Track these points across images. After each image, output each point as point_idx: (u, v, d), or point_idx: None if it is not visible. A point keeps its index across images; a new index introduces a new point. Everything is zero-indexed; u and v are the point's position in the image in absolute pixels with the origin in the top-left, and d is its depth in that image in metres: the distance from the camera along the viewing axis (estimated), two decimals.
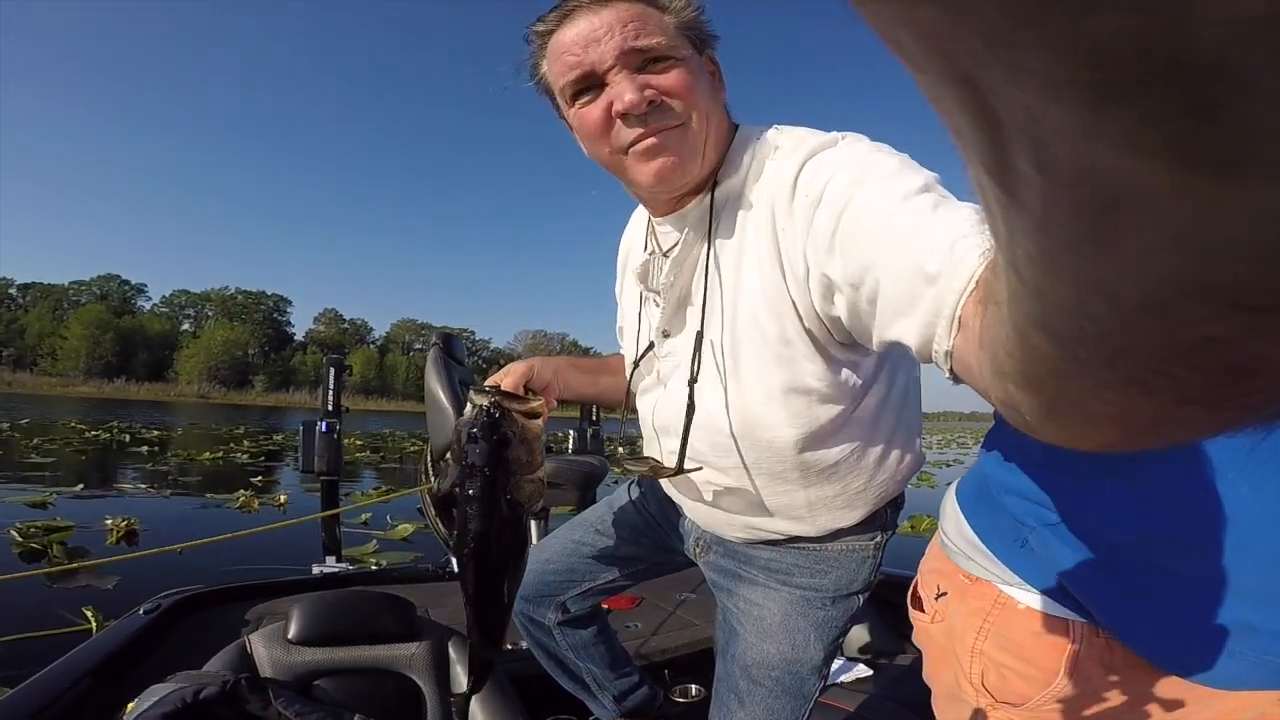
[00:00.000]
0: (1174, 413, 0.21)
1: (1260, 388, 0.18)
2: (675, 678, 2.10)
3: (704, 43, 0.92)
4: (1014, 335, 0.26)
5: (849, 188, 0.75)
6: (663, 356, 1.08)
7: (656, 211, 1.03)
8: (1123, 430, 0.25)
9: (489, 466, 0.86)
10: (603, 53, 0.84)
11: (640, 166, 0.89)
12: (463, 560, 0.90)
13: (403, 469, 12.70)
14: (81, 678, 1.51)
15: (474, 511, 0.87)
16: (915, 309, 0.62)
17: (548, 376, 1.06)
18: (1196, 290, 0.15)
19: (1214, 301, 0.15)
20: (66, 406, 35.09)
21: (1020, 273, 0.21)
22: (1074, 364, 0.22)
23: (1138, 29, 0.11)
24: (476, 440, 0.86)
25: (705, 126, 0.89)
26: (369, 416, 47.61)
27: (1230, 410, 0.20)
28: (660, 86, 0.85)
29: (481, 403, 0.88)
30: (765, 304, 0.88)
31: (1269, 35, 0.11)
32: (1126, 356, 0.19)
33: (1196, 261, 0.15)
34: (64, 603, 3.30)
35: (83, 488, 7.91)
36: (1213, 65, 0.11)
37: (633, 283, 1.13)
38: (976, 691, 0.88)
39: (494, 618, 0.95)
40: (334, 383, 3.33)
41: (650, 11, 0.86)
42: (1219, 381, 0.18)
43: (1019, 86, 0.14)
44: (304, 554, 3.33)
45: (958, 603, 0.91)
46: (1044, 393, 0.28)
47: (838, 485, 1.00)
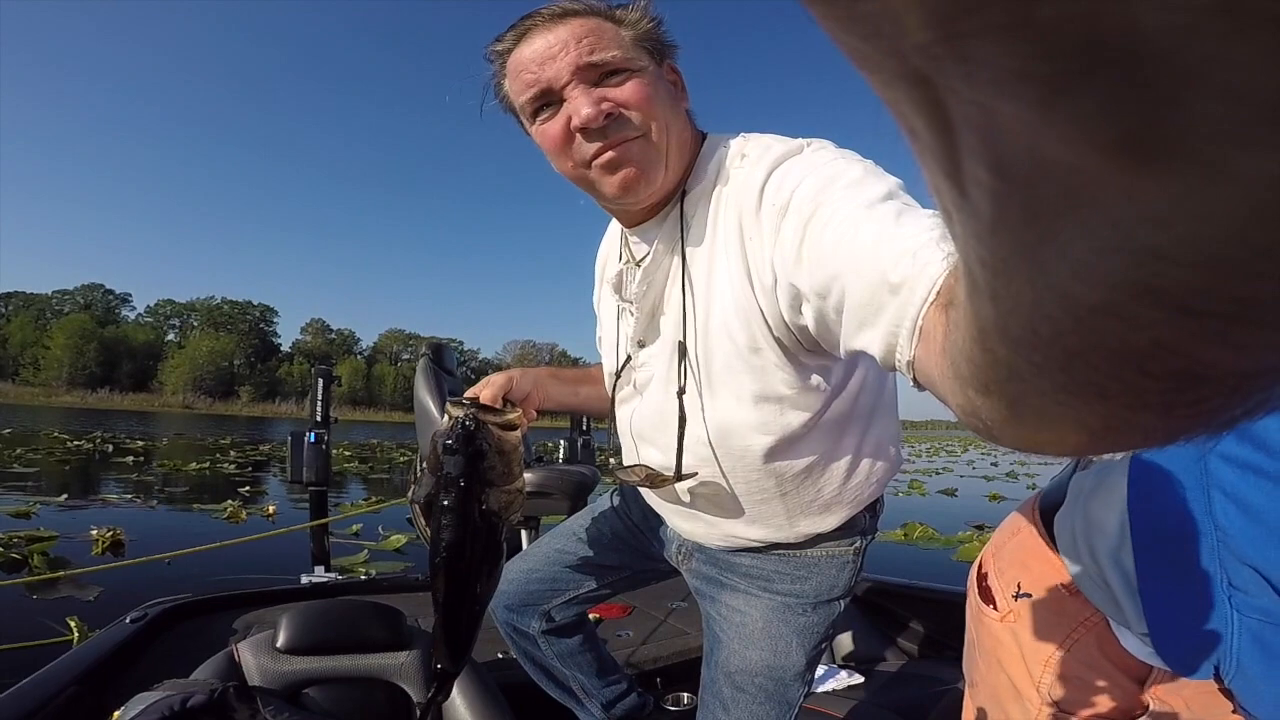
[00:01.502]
0: (1127, 418, 0.21)
1: (1209, 395, 0.18)
2: (667, 686, 2.10)
3: (663, 53, 0.93)
4: (971, 340, 0.26)
5: (815, 196, 0.76)
6: (639, 366, 1.08)
7: (627, 223, 1.03)
8: (1078, 436, 0.25)
9: (463, 479, 0.86)
10: (559, 69, 0.85)
11: (604, 179, 0.90)
12: (435, 570, 0.90)
13: (392, 479, 12.64)
14: (66, 685, 1.49)
15: (447, 521, 0.87)
16: (879, 319, 0.62)
17: (527, 387, 1.06)
18: (1147, 294, 0.15)
19: (1164, 305, 0.15)
20: (49, 416, 34.74)
21: (974, 276, 0.21)
22: (1029, 368, 0.22)
23: (1086, 13, 0.11)
24: (452, 452, 0.86)
25: (666, 136, 0.90)
26: (356, 427, 47.32)
27: (1181, 417, 0.20)
28: (617, 99, 0.86)
29: (457, 415, 0.89)
30: (735, 312, 0.89)
31: (1223, 22, 0.10)
32: (1080, 360, 0.19)
33: (1147, 264, 0.15)
34: (45, 613, 3.26)
35: (66, 498, 7.82)
36: (1163, 54, 0.11)
37: (609, 293, 1.14)
38: (1041, 700, 0.88)
39: (463, 629, 0.95)
40: (323, 393, 3.32)
41: (605, 26, 0.87)
42: (1169, 387, 0.18)
43: (970, 82, 0.13)
44: (293, 564, 3.31)
45: (1045, 610, 0.89)
46: (1002, 398, 0.28)
47: (812, 490, 1.00)
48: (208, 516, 7.38)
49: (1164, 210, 0.13)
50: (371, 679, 1.38)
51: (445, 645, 0.95)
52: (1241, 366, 0.16)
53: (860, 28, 0.14)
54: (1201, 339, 0.16)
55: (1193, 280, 0.14)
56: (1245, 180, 0.12)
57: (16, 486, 8.60)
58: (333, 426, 3.33)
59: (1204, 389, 0.18)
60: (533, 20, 0.88)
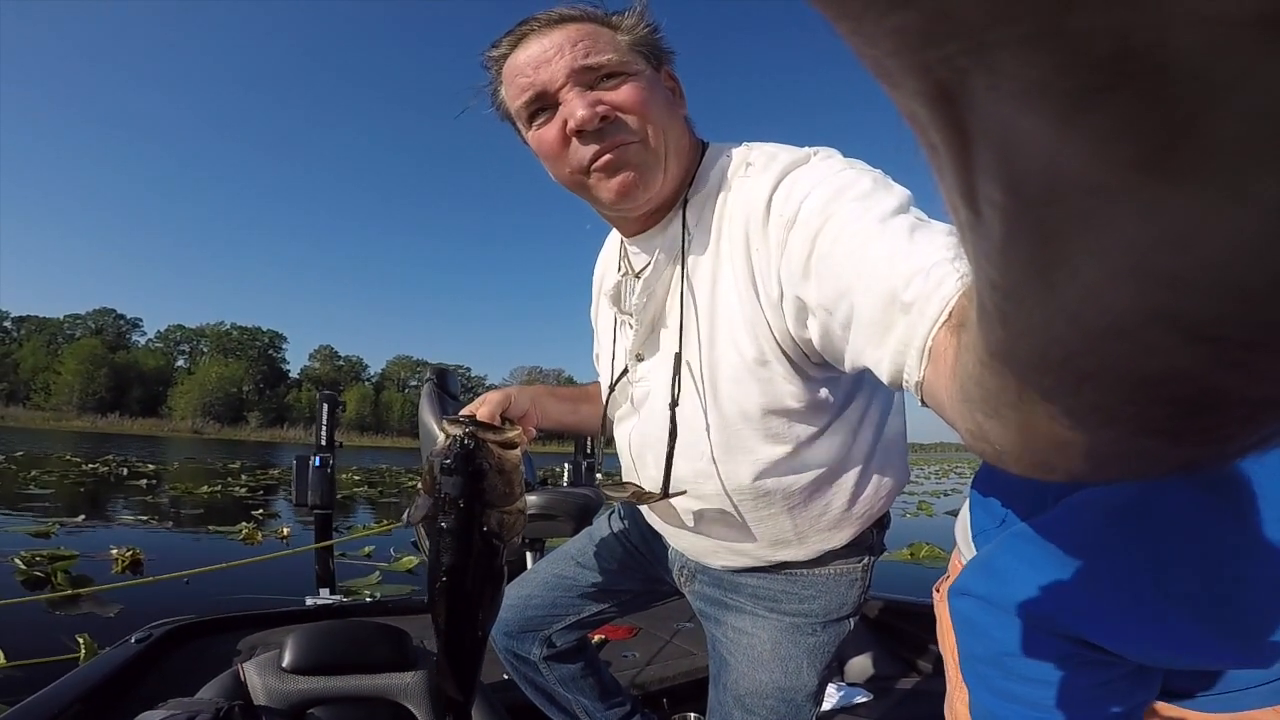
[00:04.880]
0: (1135, 444, 0.21)
1: (1220, 423, 0.18)
2: (674, 706, 2.08)
3: (660, 59, 0.93)
4: (981, 363, 0.26)
5: (824, 208, 0.74)
6: (636, 381, 1.06)
7: (627, 231, 1.02)
8: (1086, 461, 0.25)
9: (463, 499, 0.83)
10: (554, 72, 0.85)
11: (601, 184, 0.89)
12: (434, 596, 0.87)
13: (400, 503, 12.65)
14: (71, 704, 1.49)
15: (446, 544, 0.84)
16: (888, 338, 0.61)
17: (525, 405, 1.02)
18: (1162, 319, 0.15)
19: (1178, 331, 0.15)
20: (60, 440, 34.91)
21: (985, 298, 0.21)
22: (1038, 393, 0.22)
23: (1118, 26, 0.11)
24: (450, 472, 0.83)
25: (663, 140, 0.89)
26: (365, 452, 47.33)
27: (1191, 444, 0.19)
28: (612, 101, 0.85)
29: (455, 433, 0.85)
30: (742, 324, 0.87)
31: (1257, 40, 0.10)
32: (1089, 385, 0.19)
33: (1162, 288, 0.14)
34: (70, 629, 3.27)
35: (84, 519, 7.92)
36: (1193, 70, 0.11)
37: (607, 306, 1.12)
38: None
39: (467, 654, 0.92)
40: (327, 418, 3.36)
41: (601, 30, 0.87)
42: (1180, 413, 0.18)
43: (994, 94, 0.13)
44: (305, 585, 3.33)
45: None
46: (1010, 423, 0.27)
47: (820, 505, 0.99)
48: (223, 538, 7.45)
49: (1182, 233, 0.13)
50: (377, 699, 1.38)
51: (451, 674, 0.93)
52: (1255, 395, 0.16)
53: (889, 42, 0.14)
54: (1216, 366, 0.16)
55: (1208, 306, 0.14)
56: (1268, 204, 0.12)
57: (33, 508, 8.72)
58: (342, 452, 3.37)
59: (1215, 417, 0.18)
60: (528, 25, 0.88)
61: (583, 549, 1.40)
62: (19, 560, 5.11)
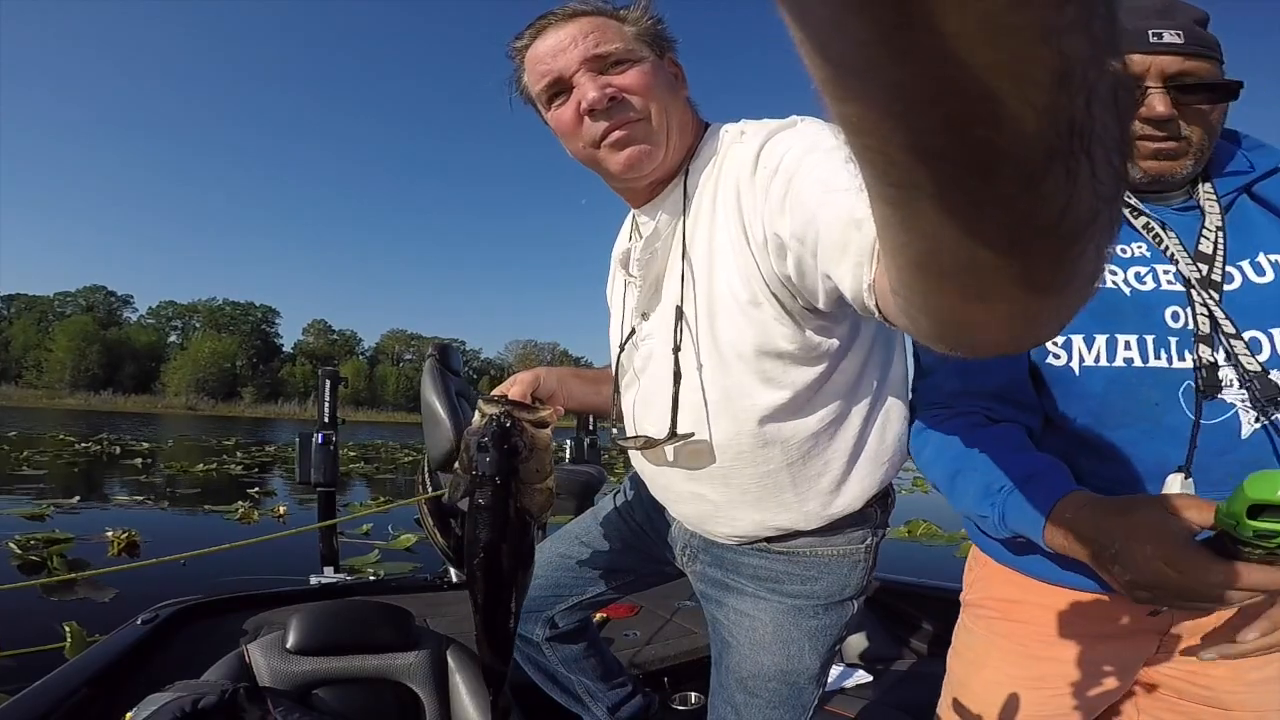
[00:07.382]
0: (1027, 302, 0.33)
1: (1083, 247, 0.29)
2: (675, 685, 2.11)
3: (663, 47, 1.03)
4: (882, 199, 0.32)
5: (801, 157, 0.84)
6: (641, 341, 1.12)
7: (635, 202, 1.11)
8: (997, 330, 0.39)
9: (499, 476, 0.86)
10: (569, 59, 0.97)
11: (611, 157, 1.00)
12: (472, 571, 0.90)
13: (397, 480, 12.68)
14: (78, 687, 1.50)
15: (484, 521, 0.87)
16: (846, 253, 0.68)
17: (553, 385, 1.09)
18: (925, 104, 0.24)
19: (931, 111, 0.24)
20: (53, 419, 34.85)
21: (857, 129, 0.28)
22: (912, 155, 0.27)
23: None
24: (486, 450, 0.86)
25: (665, 118, 1.00)
26: (360, 428, 47.41)
27: (1066, 277, 0.31)
28: (619, 84, 0.96)
29: (491, 411, 0.89)
30: (736, 270, 0.95)
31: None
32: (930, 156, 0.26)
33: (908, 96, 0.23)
34: (61, 616, 3.26)
35: (79, 500, 7.92)
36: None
37: (618, 272, 1.20)
38: None
39: (502, 628, 0.95)
40: (329, 395, 3.31)
41: (610, 23, 0.99)
42: (986, 165, 0.25)
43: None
44: (303, 565, 3.32)
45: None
46: (913, 294, 0.38)
47: (819, 463, 1.01)
48: (219, 518, 7.48)
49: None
50: (380, 679, 1.39)
51: (488, 645, 0.96)
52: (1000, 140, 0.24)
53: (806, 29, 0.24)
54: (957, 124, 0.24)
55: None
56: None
57: (27, 489, 8.70)
58: (339, 428, 3.33)
59: (1007, 169, 0.25)
60: (546, 20, 1.00)
61: (587, 528, 1.42)
62: (14, 545, 5.12)
